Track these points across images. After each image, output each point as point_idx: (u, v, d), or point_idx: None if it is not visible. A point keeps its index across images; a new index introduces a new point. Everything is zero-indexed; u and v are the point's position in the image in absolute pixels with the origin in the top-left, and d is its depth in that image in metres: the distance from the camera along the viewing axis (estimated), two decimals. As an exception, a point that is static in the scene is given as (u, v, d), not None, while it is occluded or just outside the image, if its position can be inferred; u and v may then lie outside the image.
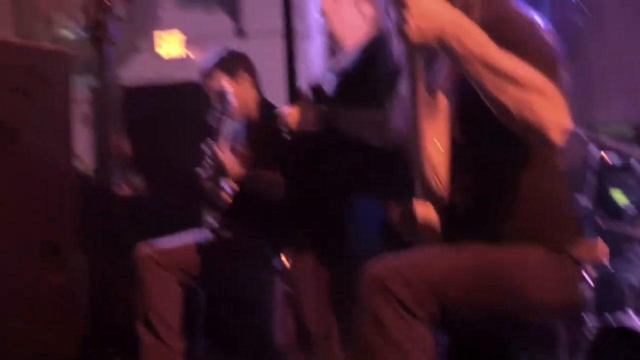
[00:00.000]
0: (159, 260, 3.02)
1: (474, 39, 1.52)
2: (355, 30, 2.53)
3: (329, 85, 2.51)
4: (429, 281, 1.67)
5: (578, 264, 1.82)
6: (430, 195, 1.78)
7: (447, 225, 1.81)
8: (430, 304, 1.66)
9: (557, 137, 1.58)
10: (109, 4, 0.94)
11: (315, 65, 2.66)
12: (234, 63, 3.35)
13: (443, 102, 1.75)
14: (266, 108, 3.31)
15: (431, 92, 1.76)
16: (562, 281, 1.78)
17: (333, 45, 2.59)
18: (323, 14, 2.53)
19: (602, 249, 1.86)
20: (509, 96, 1.53)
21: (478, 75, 1.53)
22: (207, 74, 3.36)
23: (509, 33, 1.60)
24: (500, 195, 1.79)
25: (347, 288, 1.83)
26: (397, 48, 1.85)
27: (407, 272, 1.66)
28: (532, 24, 1.69)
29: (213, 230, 3.26)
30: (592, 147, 3.76)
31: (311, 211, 2.46)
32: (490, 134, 1.69)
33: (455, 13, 1.53)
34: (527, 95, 1.52)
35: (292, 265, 3.58)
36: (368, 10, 2.54)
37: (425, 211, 1.78)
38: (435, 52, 1.67)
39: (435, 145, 1.75)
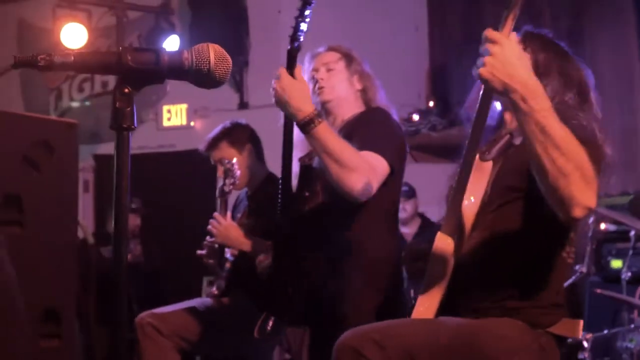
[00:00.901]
0: (158, 327, 3.02)
1: (538, 103, 1.60)
2: (346, 104, 2.62)
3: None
4: (403, 346, 1.72)
5: (556, 339, 1.86)
6: (453, 232, 1.88)
7: (453, 270, 1.89)
8: None
9: (579, 214, 1.65)
10: (128, 92, 1.00)
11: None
12: (238, 134, 3.42)
13: (488, 169, 1.91)
14: (269, 178, 3.37)
15: (483, 158, 1.92)
16: (536, 354, 1.84)
17: (325, 117, 2.64)
18: (317, 88, 2.60)
19: (581, 328, 1.90)
20: (552, 161, 1.61)
21: (531, 133, 1.62)
22: (213, 144, 3.43)
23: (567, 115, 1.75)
24: (505, 264, 1.89)
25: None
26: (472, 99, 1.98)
27: (380, 337, 1.72)
28: (589, 132, 1.80)
29: (212, 297, 3.28)
30: (592, 219, 3.83)
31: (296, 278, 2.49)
32: (516, 211, 1.82)
33: (530, 74, 1.62)
34: (568, 167, 1.61)
35: (289, 333, 3.58)
36: (360, 85, 2.63)
37: (444, 245, 1.87)
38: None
39: (470, 200, 1.89)
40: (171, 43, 4.45)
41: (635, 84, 5.02)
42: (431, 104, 5.99)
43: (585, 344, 3.31)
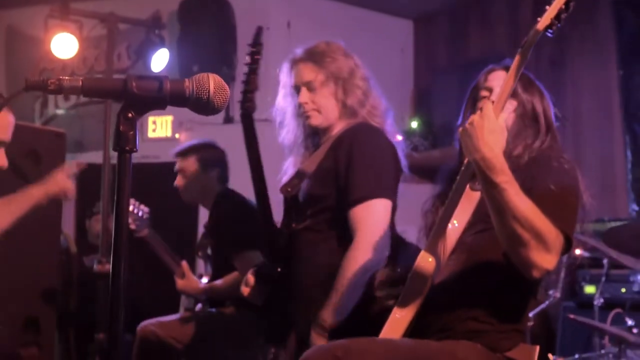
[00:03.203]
0: (160, 334, 3.04)
1: (499, 177, 1.77)
2: (334, 120, 2.50)
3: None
4: None
5: None
6: (435, 252, 1.97)
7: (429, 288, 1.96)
8: None
9: (536, 275, 1.82)
10: (131, 116, 1.05)
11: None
12: (210, 155, 3.48)
13: (476, 198, 2.01)
14: (220, 195, 3.42)
15: (473, 188, 2.01)
16: None
17: (309, 133, 2.57)
18: (303, 112, 2.50)
19: (537, 354, 1.98)
20: (511, 231, 1.78)
21: (493, 200, 1.79)
22: (183, 153, 3.52)
23: (543, 175, 1.91)
24: (476, 287, 1.99)
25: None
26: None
27: (341, 354, 1.79)
28: (572, 180, 1.95)
29: (187, 310, 3.35)
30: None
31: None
32: (495, 238, 1.89)
33: (498, 151, 1.78)
34: (525, 236, 1.77)
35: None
36: (346, 96, 2.49)
37: (425, 263, 1.94)
38: None
39: (453, 224, 2.00)
40: (160, 57, 4.48)
41: (614, 112, 5.13)
42: (414, 125, 6.07)
43: (557, 368, 3.39)
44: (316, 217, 2.41)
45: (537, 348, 1.96)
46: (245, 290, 2.53)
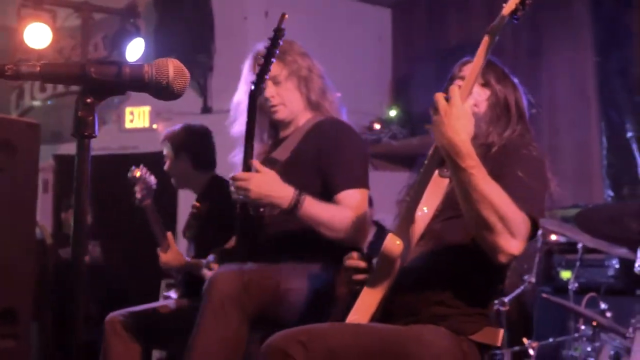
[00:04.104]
0: (128, 325, 3.03)
1: (465, 162, 1.80)
2: (299, 113, 2.63)
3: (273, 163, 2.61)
4: (327, 347, 1.82)
5: (479, 346, 1.96)
6: (403, 236, 1.98)
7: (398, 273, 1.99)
8: None
9: (503, 260, 1.85)
10: (90, 101, 1.05)
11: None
12: (177, 139, 3.49)
13: (445, 184, 2.05)
14: (211, 183, 3.44)
15: (442, 174, 2.05)
16: (457, 358, 1.90)
17: (276, 127, 2.67)
18: (270, 106, 2.59)
19: (501, 336, 2.01)
20: (477, 214, 1.81)
21: (460, 184, 1.83)
22: (164, 138, 3.54)
23: (512, 161, 1.95)
24: (443, 272, 2.02)
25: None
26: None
27: (305, 338, 1.81)
28: (540, 166, 1.98)
29: (166, 298, 3.34)
30: (541, 230, 3.95)
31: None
32: (463, 225, 1.93)
33: (466, 137, 1.81)
34: (492, 219, 1.80)
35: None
36: (309, 91, 2.62)
37: (393, 245, 1.96)
38: None
39: (423, 210, 2.03)
40: (136, 46, 4.46)
41: (590, 99, 5.16)
42: (392, 113, 6.08)
43: (532, 352, 3.42)
44: None
45: (502, 331, 1.99)
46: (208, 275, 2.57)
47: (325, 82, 2.67)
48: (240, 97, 2.67)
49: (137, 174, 3.35)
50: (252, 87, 2.40)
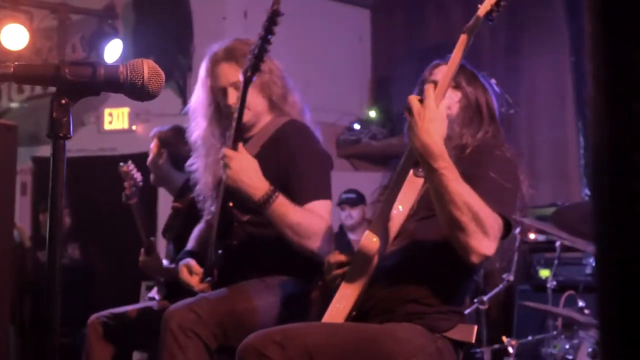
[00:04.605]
0: (111, 326, 3.01)
1: (437, 163, 1.82)
2: (261, 115, 2.59)
3: None
4: (303, 346, 1.83)
5: (453, 343, 1.98)
6: (380, 235, 1.99)
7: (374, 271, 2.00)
8: None
9: (475, 260, 1.86)
10: (65, 102, 1.04)
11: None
12: (163, 137, 3.51)
13: (419, 184, 2.08)
14: (186, 184, 3.44)
15: (416, 174, 2.08)
16: (433, 356, 1.92)
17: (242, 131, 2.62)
18: (232, 105, 2.50)
19: (474, 333, 2.03)
20: (450, 215, 1.83)
21: (433, 185, 1.85)
22: (153, 135, 3.55)
23: (485, 162, 1.97)
24: (417, 271, 2.03)
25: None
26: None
27: (281, 338, 1.83)
28: (512, 167, 2.01)
29: (151, 300, 3.33)
30: (520, 229, 3.98)
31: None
32: (437, 225, 1.94)
33: (439, 138, 1.83)
34: (464, 220, 1.82)
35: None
36: (270, 93, 2.57)
37: (370, 243, 1.97)
38: None
39: (398, 209, 2.06)
40: (114, 47, 4.44)
41: (567, 98, 5.21)
42: (372, 113, 6.10)
43: (511, 350, 3.45)
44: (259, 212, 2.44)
45: (475, 327, 2.02)
46: (195, 281, 2.57)
47: (286, 82, 2.62)
48: (197, 102, 2.64)
49: (126, 169, 3.35)
50: (249, 72, 2.34)
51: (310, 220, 2.35)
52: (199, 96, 2.65)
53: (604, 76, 0.54)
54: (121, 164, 3.39)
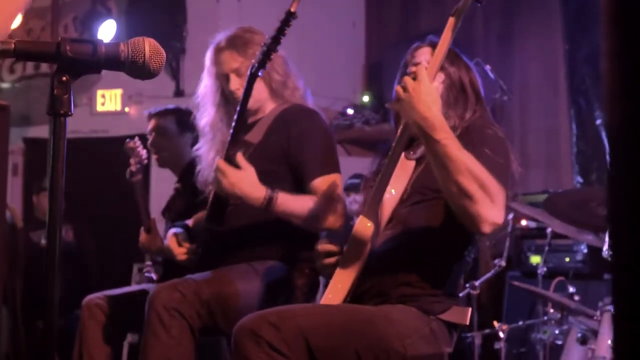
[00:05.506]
0: (106, 308, 3.01)
1: (439, 134, 1.82)
2: (264, 101, 2.64)
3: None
4: (297, 326, 1.84)
5: (447, 325, 2.01)
6: (373, 219, 2.00)
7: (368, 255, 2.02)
8: (299, 347, 1.83)
9: (487, 229, 1.85)
10: (65, 80, 1.03)
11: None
12: (188, 119, 3.50)
13: (411, 167, 2.08)
14: (192, 163, 3.44)
15: (408, 157, 2.09)
16: (427, 337, 1.94)
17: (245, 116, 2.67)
18: (236, 98, 2.57)
19: (469, 315, 2.04)
20: (456, 184, 1.82)
21: (436, 157, 1.84)
22: (162, 113, 3.56)
23: (478, 141, 1.97)
24: (409, 255, 2.05)
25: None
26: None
27: (275, 319, 1.84)
28: (505, 146, 2.02)
29: (150, 281, 3.32)
30: (511, 215, 4.00)
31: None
32: (429, 210, 1.98)
33: (437, 111, 1.84)
34: (471, 188, 1.80)
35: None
36: (273, 79, 2.62)
37: (364, 228, 1.99)
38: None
39: (390, 193, 2.07)
40: (107, 28, 4.41)
41: (560, 86, 5.22)
42: (366, 99, 6.09)
43: (501, 335, 3.48)
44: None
45: (469, 310, 2.03)
46: (179, 251, 2.64)
47: (288, 68, 2.68)
48: (205, 89, 2.70)
49: (132, 145, 3.31)
50: (255, 68, 2.37)
51: (312, 205, 2.42)
52: (206, 84, 2.71)
53: (619, 53, 0.54)
54: (127, 140, 3.36)
